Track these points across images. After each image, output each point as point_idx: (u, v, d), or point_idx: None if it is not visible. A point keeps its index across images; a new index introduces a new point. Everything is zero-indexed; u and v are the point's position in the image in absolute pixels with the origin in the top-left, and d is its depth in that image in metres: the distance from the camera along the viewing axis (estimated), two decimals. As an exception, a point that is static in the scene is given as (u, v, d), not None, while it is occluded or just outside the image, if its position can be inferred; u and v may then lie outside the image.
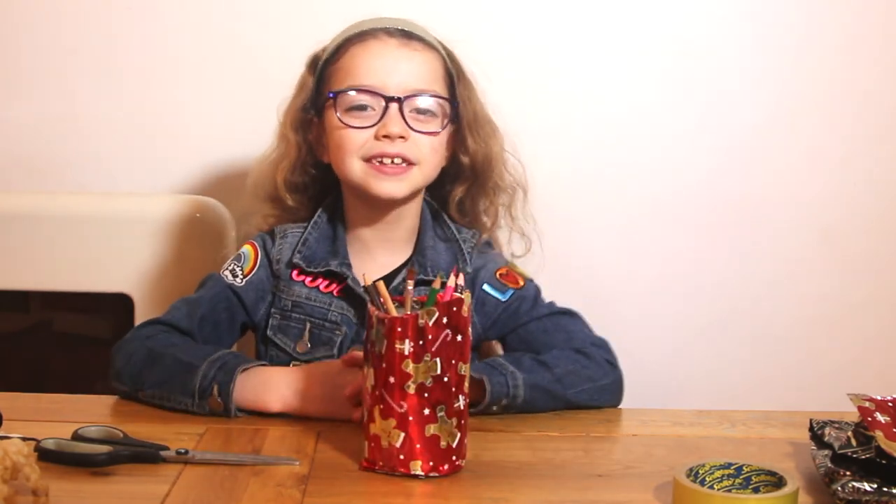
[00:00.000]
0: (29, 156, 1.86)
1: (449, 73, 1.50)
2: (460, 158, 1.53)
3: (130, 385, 1.37)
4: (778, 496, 1.03)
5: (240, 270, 1.50)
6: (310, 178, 1.54)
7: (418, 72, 1.46)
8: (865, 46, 1.86)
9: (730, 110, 1.86)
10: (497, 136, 1.56)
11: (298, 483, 1.12)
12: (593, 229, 1.87)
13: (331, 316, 1.47)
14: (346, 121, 1.44)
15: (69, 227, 1.78)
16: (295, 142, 1.51)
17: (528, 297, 1.51)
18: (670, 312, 1.89)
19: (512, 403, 1.33)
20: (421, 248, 1.50)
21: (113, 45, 1.84)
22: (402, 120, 1.43)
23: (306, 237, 1.50)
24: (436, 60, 1.49)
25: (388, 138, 1.42)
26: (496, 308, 1.50)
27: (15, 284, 1.80)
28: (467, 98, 1.52)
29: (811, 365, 1.90)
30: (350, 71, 1.46)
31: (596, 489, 1.14)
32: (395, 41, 1.47)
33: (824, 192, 1.88)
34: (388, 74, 1.44)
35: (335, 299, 1.48)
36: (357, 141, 1.44)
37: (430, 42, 1.49)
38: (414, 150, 1.44)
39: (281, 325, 1.49)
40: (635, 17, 1.85)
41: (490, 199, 1.58)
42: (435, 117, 1.46)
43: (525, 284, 1.52)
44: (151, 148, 1.86)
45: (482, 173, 1.55)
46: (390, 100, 1.43)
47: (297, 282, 1.49)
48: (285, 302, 1.49)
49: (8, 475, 1.03)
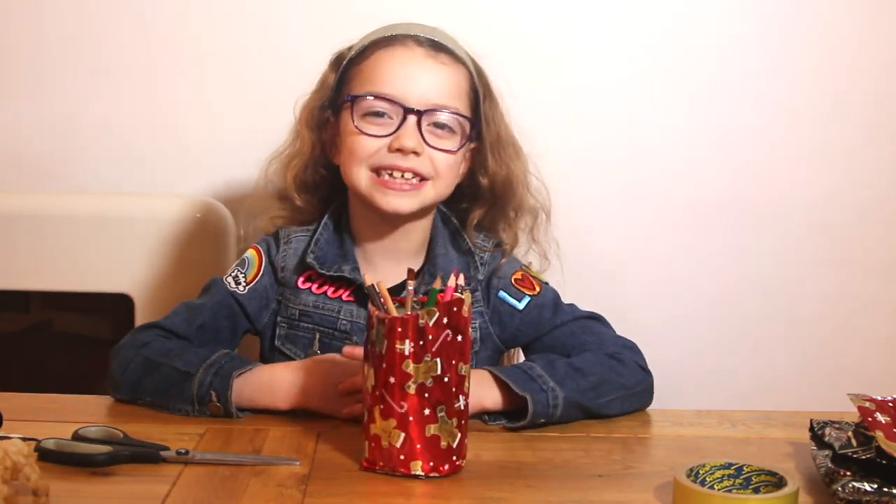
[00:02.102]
0: (29, 156, 1.86)
1: (475, 90, 1.45)
2: (479, 179, 1.49)
3: (128, 394, 1.36)
4: (778, 496, 1.03)
5: (243, 277, 1.46)
6: (320, 178, 1.50)
7: (441, 86, 1.41)
8: (867, 46, 1.86)
9: (733, 113, 1.86)
10: (520, 158, 1.51)
11: (299, 483, 1.12)
12: (596, 229, 1.87)
13: (340, 325, 1.44)
14: (362, 127, 1.40)
15: (69, 227, 1.77)
16: (309, 139, 1.48)
17: (546, 304, 1.48)
18: (670, 313, 1.89)
19: (548, 422, 1.31)
20: (432, 258, 1.47)
21: (113, 44, 1.84)
22: (418, 134, 1.39)
23: (317, 238, 1.47)
24: (462, 75, 1.44)
25: (400, 152, 1.39)
26: (512, 318, 1.47)
27: (15, 284, 1.80)
28: (492, 118, 1.47)
29: (811, 365, 1.90)
30: (372, 75, 1.42)
31: (596, 489, 1.14)
32: (423, 51, 1.42)
33: (826, 192, 1.88)
34: (411, 85, 1.40)
35: (344, 304, 1.45)
36: (369, 149, 1.40)
37: (458, 56, 1.44)
38: (427, 165, 1.40)
39: (289, 335, 1.46)
40: (646, 22, 1.84)
41: (508, 221, 1.53)
42: (453, 134, 1.42)
43: (542, 290, 1.49)
44: (151, 148, 1.86)
45: (502, 196, 1.50)
46: (409, 111, 1.38)
47: (303, 290, 1.46)
48: (293, 311, 1.46)
49: (8, 475, 1.03)
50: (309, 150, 1.49)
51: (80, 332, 1.93)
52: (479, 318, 1.47)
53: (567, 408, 1.31)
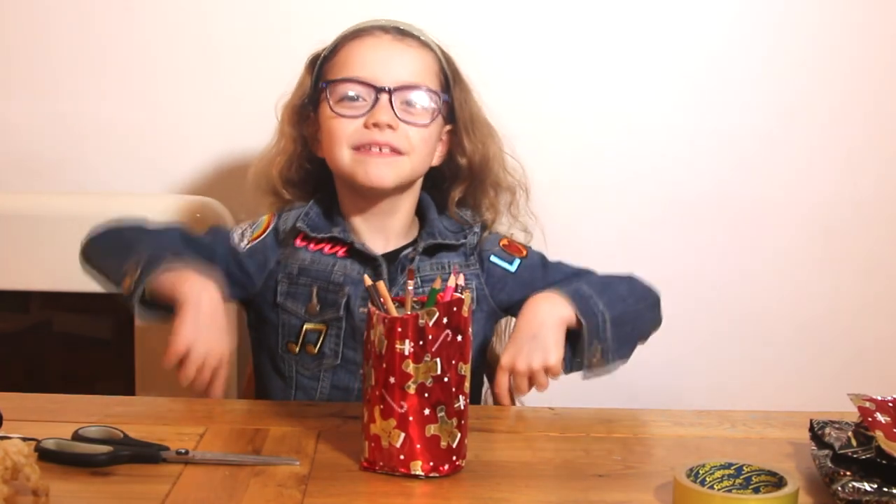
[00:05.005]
0: (28, 156, 1.86)
1: (444, 74, 1.52)
2: (458, 160, 1.56)
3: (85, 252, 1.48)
4: (778, 496, 1.03)
5: (248, 234, 1.54)
6: (305, 173, 1.57)
7: (411, 66, 1.49)
8: (867, 47, 1.86)
9: (731, 111, 1.87)
10: (495, 137, 1.58)
11: (298, 483, 1.12)
12: (594, 231, 1.87)
13: (334, 277, 1.49)
14: (338, 110, 1.47)
15: (69, 227, 1.77)
16: (291, 136, 1.55)
17: (535, 264, 1.56)
18: (670, 313, 1.89)
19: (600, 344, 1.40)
20: (428, 221, 1.53)
21: (112, 44, 1.84)
22: (391, 110, 1.45)
23: (308, 211, 1.53)
24: (430, 58, 1.51)
25: (376, 126, 1.45)
26: (505, 279, 1.54)
27: (15, 284, 1.80)
28: (463, 100, 1.54)
29: (811, 365, 1.91)
30: (344, 64, 1.49)
31: (596, 489, 1.14)
32: (390, 37, 1.50)
33: (826, 193, 1.88)
34: (381, 67, 1.47)
35: (339, 260, 1.50)
36: (346, 130, 1.46)
37: (425, 41, 1.52)
38: (402, 140, 1.46)
39: (290, 291, 1.51)
40: (634, 20, 1.85)
41: (489, 198, 1.60)
42: (425, 111, 1.48)
43: (528, 253, 1.57)
44: (151, 148, 1.86)
45: (480, 174, 1.57)
46: (381, 90, 1.45)
47: (300, 248, 1.52)
48: (292, 268, 1.51)
49: (8, 475, 1.03)
50: (291, 146, 1.55)
51: (80, 332, 1.93)
52: (474, 280, 1.53)
53: (613, 326, 1.40)
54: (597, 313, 1.40)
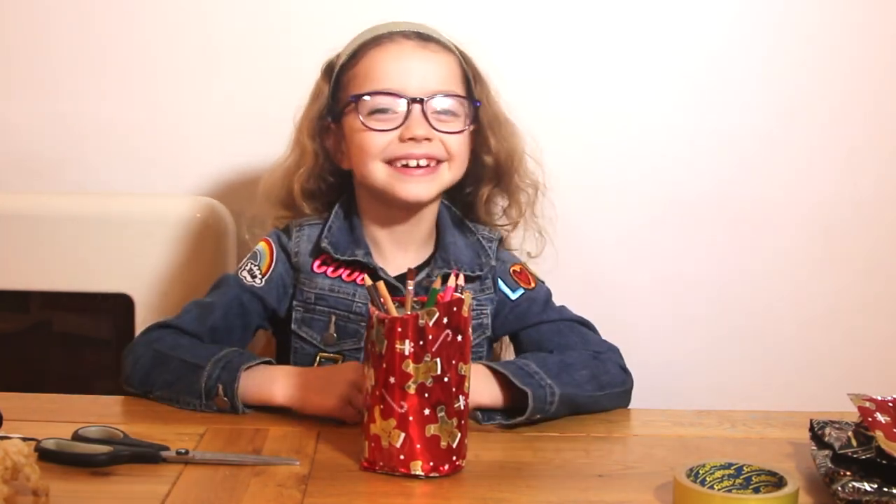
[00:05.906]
0: (28, 156, 1.86)
1: (466, 75, 1.49)
2: (483, 159, 1.53)
3: (140, 388, 1.38)
4: (778, 496, 1.03)
5: (258, 270, 1.48)
6: (326, 186, 1.53)
7: (437, 73, 1.45)
8: (867, 47, 1.86)
9: (731, 111, 1.86)
10: (518, 134, 1.56)
11: (299, 483, 1.12)
12: (594, 231, 1.87)
13: (355, 307, 1.46)
14: (369, 124, 1.43)
15: (69, 227, 1.78)
16: (312, 149, 1.50)
17: (538, 299, 1.52)
18: (671, 312, 1.89)
19: (543, 418, 1.32)
20: (443, 245, 1.50)
21: (112, 44, 1.84)
22: (425, 121, 1.42)
23: (330, 225, 1.49)
24: (453, 62, 1.48)
25: (413, 140, 1.41)
26: (504, 306, 1.51)
27: (15, 284, 1.80)
28: (486, 99, 1.51)
29: (811, 365, 1.91)
30: (369, 75, 1.45)
31: (596, 489, 1.14)
32: (412, 43, 1.46)
33: (825, 193, 1.88)
34: (408, 76, 1.43)
35: (359, 288, 1.46)
36: (380, 143, 1.42)
37: (445, 44, 1.48)
38: (440, 149, 1.43)
39: (305, 318, 1.48)
40: (634, 20, 1.85)
41: (515, 197, 1.58)
42: (457, 117, 1.45)
43: (536, 286, 1.53)
44: (151, 148, 1.86)
45: (507, 172, 1.55)
46: (413, 101, 1.41)
47: (318, 273, 1.48)
48: (308, 295, 1.48)
49: (8, 475, 1.03)
50: (313, 160, 1.51)
51: (80, 332, 1.93)
52: (489, 306, 1.50)
53: (561, 404, 1.32)
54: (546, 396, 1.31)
